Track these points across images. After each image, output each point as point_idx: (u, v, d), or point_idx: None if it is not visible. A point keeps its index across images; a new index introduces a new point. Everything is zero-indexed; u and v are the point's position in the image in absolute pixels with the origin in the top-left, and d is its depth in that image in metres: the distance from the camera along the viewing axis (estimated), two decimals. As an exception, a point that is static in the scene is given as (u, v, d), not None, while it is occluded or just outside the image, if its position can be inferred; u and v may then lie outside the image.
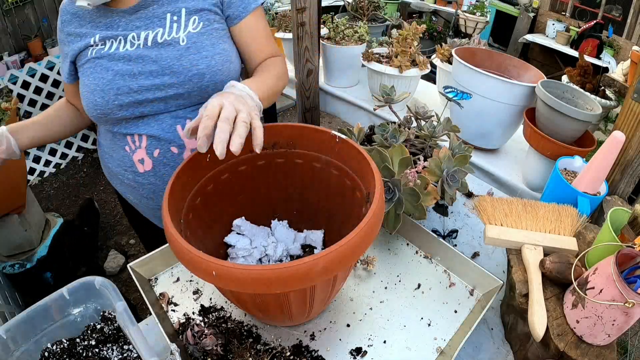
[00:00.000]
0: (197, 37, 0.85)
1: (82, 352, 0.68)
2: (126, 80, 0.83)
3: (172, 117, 0.88)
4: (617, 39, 4.07)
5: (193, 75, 0.84)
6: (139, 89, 0.83)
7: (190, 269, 0.53)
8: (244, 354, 0.64)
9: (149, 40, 0.84)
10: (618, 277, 0.55)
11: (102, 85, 0.84)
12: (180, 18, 0.85)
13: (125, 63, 0.83)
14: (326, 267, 0.50)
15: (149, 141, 0.89)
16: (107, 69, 0.84)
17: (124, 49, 0.84)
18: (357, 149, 0.68)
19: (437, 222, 1.01)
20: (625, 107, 0.88)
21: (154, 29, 0.84)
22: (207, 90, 0.86)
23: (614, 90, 1.26)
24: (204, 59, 0.84)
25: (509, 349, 0.75)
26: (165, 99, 0.85)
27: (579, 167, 0.94)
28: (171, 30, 0.84)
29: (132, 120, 0.87)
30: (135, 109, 0.85)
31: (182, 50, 0.84)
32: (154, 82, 0.83)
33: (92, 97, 0.85)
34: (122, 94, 0.83)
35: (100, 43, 0.85)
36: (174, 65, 0.83)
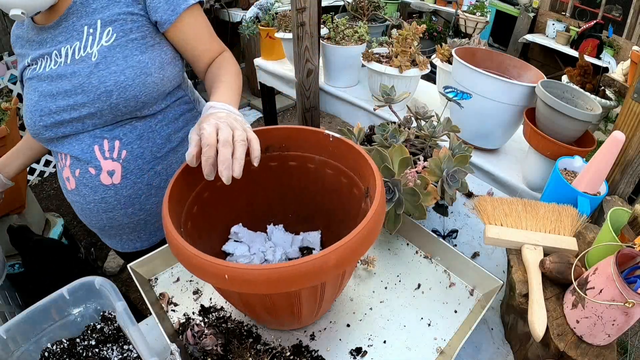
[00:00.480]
0: (109, 50, 0.81)
1: (82, 352, 0.68)
2: (47, 101, 0.84)
3: (91, 137, 0.87)
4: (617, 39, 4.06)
5: (101, 93, 0.81)
6: (57, 109, 0.84)
7: (200, 275, 0.52)
8: (244, 354, 0.64)
9: (68, 56, 0.83)
10: (618, 277, 0.55)
11: (30, 106, 0.86)
12: (95, 30, 0.81)
13: (48, 83, 0.84)
14: (338, 261, 0.50)
15: (71, 161, 0.91)
16: (35, 89, 0.86)
17: (49, 68, 0.84)
18: (351, 146, 0.68)
19: (437, 222, 1.01)
20: (625, 107, 0.88)
21: (72, 43, 0.82)
22: (118, 107, 0.83)
23: (614, 90, 1.26)
24: (112, 75, 0.81)
25: (509, 349, 0.75)
26: (81, 119, 0.84)
27: (579, 167, 0.94)
28: (86, 44, 0.81)
29: (58, 139, 0.89)
30: (58, 129, 0.87)
31: (92, 67, 0.81)
32: (69, 102, 0.83)
33: (25, 117, 0.89)
34: (44, 115, 0.85)
35: (33, 63, 0.86)
36: (84, 84, 0.81)
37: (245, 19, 1.88)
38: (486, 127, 1.23)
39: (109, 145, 0.87)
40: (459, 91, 1.05)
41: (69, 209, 2.71)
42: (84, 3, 0.81)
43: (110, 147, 0.87)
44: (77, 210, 0.98)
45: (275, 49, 1.84)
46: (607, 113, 1.28)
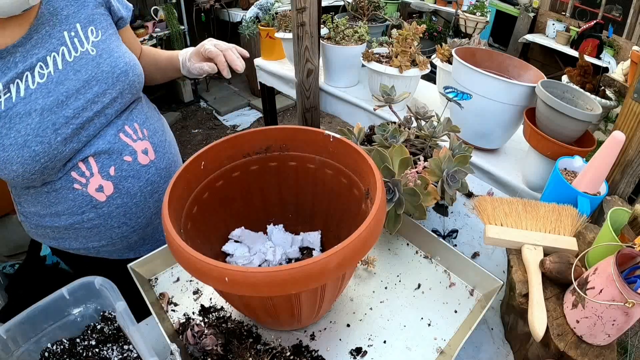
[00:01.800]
0: (102, 44, 0.84)
1: (82, 352, 0.68)
2: (56, 112, 0.76)
3: (112, 129, 0.86)
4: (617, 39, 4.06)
5: (119, 75, 0.85)
6: (75, 113, 0.78)
7: (200, 277, 0.52)
8: (244, 354, 0.64)
9: (58, 62, 0.78)
10: (618, 277, 0.55)
11: (33, 131, 0.74)
12: (77, 33, 0.81)
13: (46, 96, 0.76)
14: (339, 263, 0.50)
15: (99, 163, 0.85)
16: (28, 113, 0.74)
17: (35, 84, 0.75)
18: (352, 147, 0.68)
19: (437, 222, 1.01)
20: (625, 107, 0.88)
21: (57, 49, 0.78)
22: (134, 85, 0.89)
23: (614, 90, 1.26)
24: (119, 59, 0.86)
25: (509, 349, 0.75)
26: (102, 111, 0.83)
27: (579, 167, 0.94)
28: (75, 46, 0.81)
29: (80, 150, 0.82)
30: (80, 135, 0.81)
31: (96, 59, 0.82)
32: (87, 98, 0.80)
33: (28, 149, 0.74)
34: (60, 127, 0.77)
35: (5, 91, 0.73)
36: (96, 75, 0.81)
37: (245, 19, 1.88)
38: (486, 127, 1.23)
39: (130, 129, 0.90)
40: (459, 91, 1.05)
41: (69, 209, 2.71)
42: (52, 12, 0.79)
43: (133, 130, 0.90)
44: (117, 219, 0.90)
45: (275, 49, 1.84)
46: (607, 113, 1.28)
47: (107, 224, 0.90)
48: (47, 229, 0.91)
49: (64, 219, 0.88)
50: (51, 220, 0.88)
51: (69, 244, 0.93)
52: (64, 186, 0.84)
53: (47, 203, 0.86)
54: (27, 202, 0.89)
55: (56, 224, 0.89)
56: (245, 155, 0.76)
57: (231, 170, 0.75)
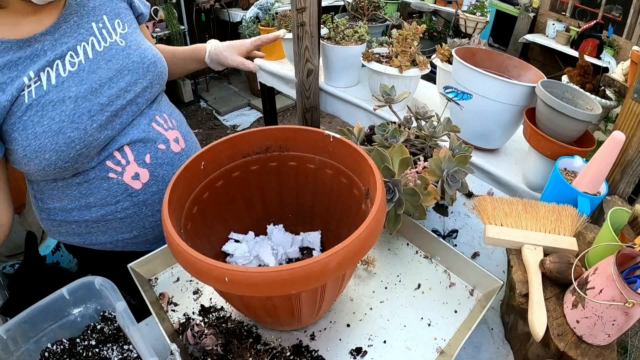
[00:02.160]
0: (129, 36, 0.87)
1: (82, 352, 0.68)
2: (91, 99, 0.77)
3: (145, 118, 0.88)
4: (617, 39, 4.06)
5: (148, 65, 0.87)
6: (109, 100, 0.79)
7: (200, 277, 0.52)
8: (244, 354, 0.64)
9: (88, 52, 0.79)
10: (618, 277, 0.55)
11: (68, 117, 0.74)
12: (105, 24, 0.83)
13: (79, 84, 0.76)
14: (339, 263, 0.50)
15: (135, 151, 0.86)
16: (62, 100, 0.74)
17: (67, 73, 0.75)
18: (352, 147, 0.68)
19: (437, 222, 1.01)
20: (625, 107, 0.88)
21: (87, 39, 0.80)
22: (162, 76, 0.92)
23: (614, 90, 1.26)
24: (146, 51, 0.89)
25: (509, 349, 0.75)
26: (134, 100, 0.85)
27: (579, 167, 0.94)
28: (103, 37, 0.82)
29: (114, 138, 0.83)
30: (114, 122, 0.81)
31: (126, 50, 0.85)
32: (120, 86, 0.81)
33: (63, 136, 0.74)
34: (95, 114, 0.77)
35: (35, 79, 0.72)
36: (127, 65, 0.84)
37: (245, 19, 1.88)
38: (486, 127, 1.23)
39: (161, 119, 0.93)
40: (459, 91, 1.05)
41: (69, 209, 2.71)
42: (79, 4, 0.81)
43: (163, 120, 0.93)
44: (152, 208, 0.91)
45: (275, 49, 1.84)
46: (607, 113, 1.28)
47: (142, 212, 0.91)
48: (72, 225, 0.90)
49: (95, 210, 0.87)
50: (79, 214, 0.88)
51: (95, 239, 0.92)
52: (98, 176, 0.84)
53: (76, 195, 0.85)
54: (52, 198, 0.87)
55: (85, 217, 0.88)
56: (245, 155, 0.76)
57: (231, 170, 0.75)
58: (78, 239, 0.93)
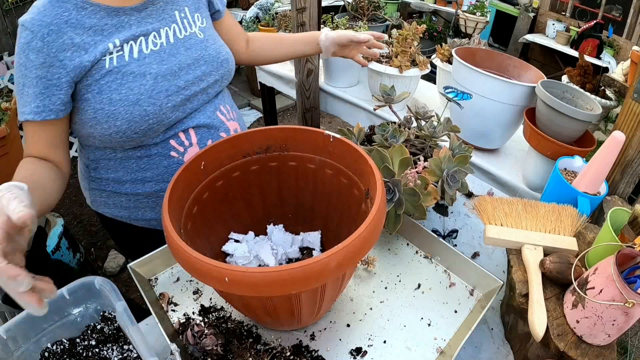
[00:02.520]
0: (207, 30, 0.92)
1: (82, 352, 0.68)
2: (169, 79, 0.81)
3: (211, 106, 0.92)
4: (617, 39, 4.06)
5: (222, 61, 0.92)
6: (185, 84, 0.84)
7: (200, 277, 0.52)
8: (244, 354, 0.64)
9: (170, 36, 0.83)
10: (618, 277, 0.55)
11: (146, 92, 0.77)
12: (186, 15, 0.88)
13: (160, 63, 0.80)
14: (339, 263, 0.50)
15: (199, 135, 0.89)
16: (143, 74, 0.77)
17: (149, 50, 0.80)
18: (352, 147, 0.68)
19: (437, 222, 1.01)
20: (625, 107, 0.88)
21: (170, 25, 0.84)
22: (231, 73, 0.97)
23: (614, 90, 1.26)
24: (221, 47, 0.93)
25: (509, 349, 0.75)
26: (206, 89, 0.89)
27: (579, 167, 0.94)
28: (184, 26, 0.87)
29: (182, 120, 0.86)
30: (186, 106, 0.85)
31: (204, 42, 0.89)
32: (196, 74, 0.86)
33: (139, 108, 0.77)
34: (171, 94, 0.81)
35: (118, 49, 0.76)
36: (204, 56, 0.88)
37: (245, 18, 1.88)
38: (486, 127, 1.23)
39: (224, 109, 0.96)
40: (459, 91, 1.05)
41: (69, 209, 2.71)
42: None
43: (227, 110, 0.97)
44: None
45: (275, 49, 1.84)
46: (607, 113, 1.28)
47: None
48: (122, 197, 0.91)
49: (149, 186, 0.89)
50: (133, 187, 0.89)
51: (142, 215, 0.94)
52: (160, 153, 0.86)
53: (134, 168, 0.87)
54: (107, 168, 0.88)
55: (138, 190, 0.90)
56: (245, 155, 0.76)
57: (231, 170, 0.75)
58: (124, 212, 0.94)
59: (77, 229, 2.53)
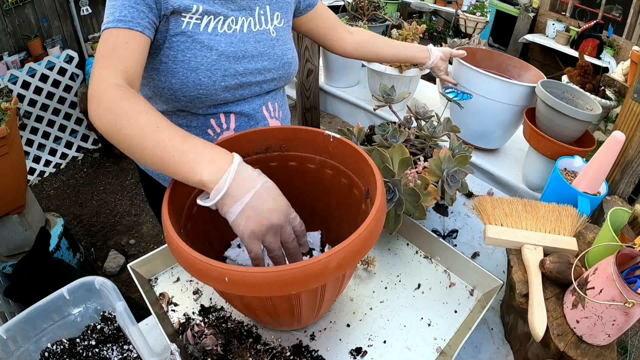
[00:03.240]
0: (281, 31, 0.94)
1: (82, 352, 0.68)
2: (231, 62, 0.84)
3: (260, 99, 0.93)
4: (617, 39, 4.06)
5: (284, 63, 0.93)
6: (244, 72, 0.86)
7: (200, 277, 0.52)
8: (244, 354, 0.64)
9: (244, 26, 0.86)
10: (618, 277, 0.55)
11: (207, 64, 0.81)
12: (266, 12, 0.90)
13: (228, 45, 0.83)
14: (339, 263, 0.50)
15: (238, 122, 0.91)
16: (211, 48, 0.81)
17: (223, 31, 0.83)
18: (352, 147, 0.68)
19: (437, 222, 1.01)
20: (625, 107, 0.88)
21: (246, 17, 0.86)
22: (290, 76, 0.98)
23: (614, 90, 1.26)
24: (289, 51, 0.95)
25: (509, 349, 0.75)
26: (261, 83, 0.91)
27: (579, 167, 0.94)
28: (260, 21, 0.89)
29: (229, 103, 0.88)
30: (237, 91, 0.87)
31: (274, 41, 0.91)
32: (257, 66, 0.88)
33: (196, 75, 0.80)
34: (229, 75, 0.84)
35: (199, 17, 0.79)
36: (269, 53, 0.90)
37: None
38: (486, 127, 1.23)
39: (272, 106, 0.98)
40: (459, 91, 1.05)
41: (69, 209, 2.71)
42: None
43: (274, 108, 0.98)
44: None
45: (275, 49, 1.84)
46: (607, 113, 1.28)
47: None
48: None
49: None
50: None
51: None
52: (198, 127, 0.89)
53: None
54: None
55: None
56: (245, 155, 0.75)
57: (231, 170, 0.75)
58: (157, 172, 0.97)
59: (77, 229, 2.53)
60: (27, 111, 2.81)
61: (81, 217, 2.63)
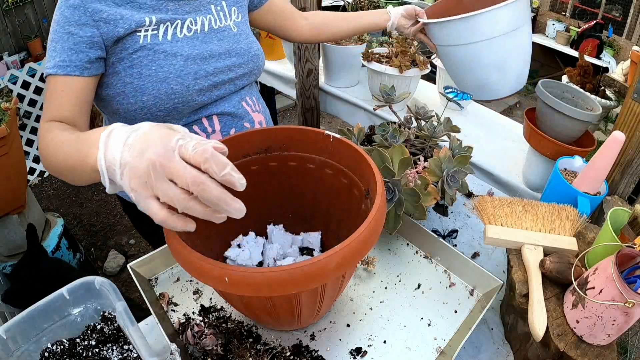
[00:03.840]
0: (242, 25, 0.94)
1: (82, 352, 0.68)
2: (200, 64, 0.83)
3: (237, 96, 0.93)
4: (617, 39, 4.06)
5: (253, 56, 0.93)
6: (215, 71, 0.85)
7: (200, 277, 0.52)
8: (244, 354, 0.64)
9: (205, 26, 0.86)
10: (618, 277, 0.55)
11: (176, 71, 0.80)
12: (223, 8, 0.90)
13: (192, 48, 0.82)
14: (339, 263, 0.50)
15: (222, 122, 0.91)
16: (175, 54, 0.80)
17: (183, 35, 0.82)
18: (352, 147, 0.68)
19: (437, 222, 1.01)
20: (625, 107, 0.88)
21: (205, 16, 0.86)
22: (260, 69, 0.98)
23: (614, 90, 1.26)
24: (253, 43, 0.95)
25: (509, 349, 0.75)
26: (234, 80, 0.90)
27: (579, 167, 0.94)
28: (220, 18, 0.89)
29: (207, 105, 0.88)
30: (212, 92, 0.87)
31: (237, 36, 0.91)
32: (226, 64, 0.88)
33: (167, 85, 0.79)
34: (200, 77, 0.83)
35: (155, 27, 0.78)
36: (236, 48, 0.90)
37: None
38: (488, 72, 1.08)
39: (250, 100, 0.98)
40: (459, 91, 1.05)
41: (69, 209, 2.71)
42: None
43: (253, 102, 0.98)
44: None
45: (275, 49, 1.84)
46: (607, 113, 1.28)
47: None
48: None
49: None
50: None
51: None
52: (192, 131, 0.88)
53: None
54: None
55: None
56: (245, 155, 0.75)
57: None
58: None
59: (77, 229, 2.54)
60: (27, 111, 2.81)
61: (81, 217, 2.63)
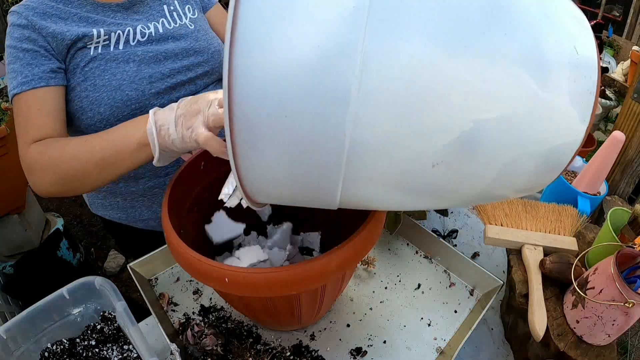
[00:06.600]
0: (198, 22, 0.90)
1: (82, 352, 0.68)
2: (153, 67, 0.81)
3: None
4: (617, 39, 4.06)
5: (213, 52, 0.90)
6: (170, 72, 0.83)
7: (200, 278, 0.52)
8: (244, 354, 0.64)
9: (159, 27, 0.83)
10: (618, 277, 0.55)
11: (129, 77, 0.78)
12: (176, 7, 0.88)
13: (145, 52, 0.81)
14: (339, 263, 0.50)
15: None
16: (127, 60, 0.79)
17: (135, 41, 0.80)
18: None
19: (437, 222, 1.01)
20: (625, 107, 0.88)
21: (158, 20, 0.84)
22: (222, 65, 0.92)
23: (614, 90, 1.26)
24: (213, 39, 0.91)
25: (509, 349, 0.75)
26: (194, 80, 0.88)
27: (579, 167, 0.94)
28: (174, 18, 0.87)
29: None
30: (171, 94, 0.84)
31: (195, 33, 0.88)
32: (183, 64, 0.85)
33: (121, 93, 0.77)
34: (155, 80, 0.81)
35: (105, 38, 0.77)
36: (194, 46, 0.87)
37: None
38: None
39: None
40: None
41: (69, 209, 2.71)
42: None
43: None
44: None
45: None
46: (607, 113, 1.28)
47: None
48: (118, 198, 0.91)
49: (143, 182, 0.88)
50: (126, 185, 0.88)
51: (139, 214, 0.93)
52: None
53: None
54: None
55: (132, 188, 0.89)
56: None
57: (231, 170, 0.75)
58: (121, 214, 0.93)
59: (77, 229, 2.53)
60: (27, 111, 2.80)
61: (81, 217, 2.63)
